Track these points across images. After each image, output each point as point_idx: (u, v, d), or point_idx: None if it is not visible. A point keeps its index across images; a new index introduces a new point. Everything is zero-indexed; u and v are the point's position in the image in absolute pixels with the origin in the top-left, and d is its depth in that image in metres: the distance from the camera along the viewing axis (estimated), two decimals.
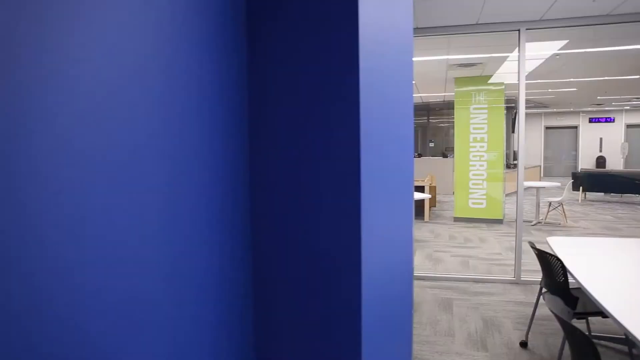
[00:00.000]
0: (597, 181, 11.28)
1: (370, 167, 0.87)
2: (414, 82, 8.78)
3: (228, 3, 0.83)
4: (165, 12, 0.66)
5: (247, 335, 0.91)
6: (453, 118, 8.20)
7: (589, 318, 3.09)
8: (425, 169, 11.26)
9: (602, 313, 2.12)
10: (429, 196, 7.59)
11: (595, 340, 3.23)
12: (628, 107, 16.88)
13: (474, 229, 7.47)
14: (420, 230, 7.42)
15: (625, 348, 3.03)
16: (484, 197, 7.92)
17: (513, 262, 4.63)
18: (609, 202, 10.95)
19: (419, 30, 4.49)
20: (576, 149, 18.24)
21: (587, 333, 3.22)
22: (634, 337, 1.64)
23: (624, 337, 2.71)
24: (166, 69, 0.67)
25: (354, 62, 0.82)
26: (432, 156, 14.94)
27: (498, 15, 4.15)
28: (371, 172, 0.88)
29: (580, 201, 11.02)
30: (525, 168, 4.93)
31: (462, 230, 7.44)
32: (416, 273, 4.80)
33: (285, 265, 0.90)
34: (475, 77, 7.86)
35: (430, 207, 8.64)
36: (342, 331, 0.87)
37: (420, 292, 4.29)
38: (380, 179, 0.95)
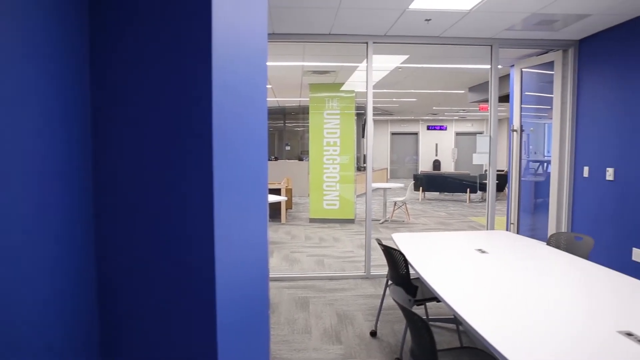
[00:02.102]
0: (433, 182, 12.69)
1: (223, 169, 0.87)
2: (270, 86, 8.89)
3: None
4: None
5: (92, 347, 0.84)
6: (308, 122, 8.51)
7: (427, 304, 3.44)
8: (282, 172, 11.51)
9: (436, 298, 2.39)
10: (285, 198, 7.76)
11: (431, 323, 3.62)
12: (457, 117, 19.31)
13: (329, 229, 7.84)
14: (277, 232, 7.55)
15: (454, 326, 3.45)
16: (337, 198, 8.36)
17: (364, 259, 4.97)
18: (443, 200, 12.38)
19: (275, 36, 4.58)
20: (417, 153, 20.26)
21: (425, 317, 3.60)
22: (460, 316, 1.88)
23: (453, 317, 3.08)
24: None
25: (206, 62, 0.81)
26: (288, 159, 15.31)
27: (349, 28, 4.43)
28: (224, 174, 0.87)
29: (420, 200, 12.28)
30: (373, 170, 5.32)
31: (318, 230, 7.75)
32: (273, 274, 4.87)
33: (134, 268, 0.85)
34: (329, 84, 8.27)
35: (286, 209, 8.84)
36: (197, 332, 0.85)
37: (278, 293, 4.36)
38: (234, 180, 0.95)
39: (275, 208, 8.63)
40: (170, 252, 0.85)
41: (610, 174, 4.46)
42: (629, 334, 1.68)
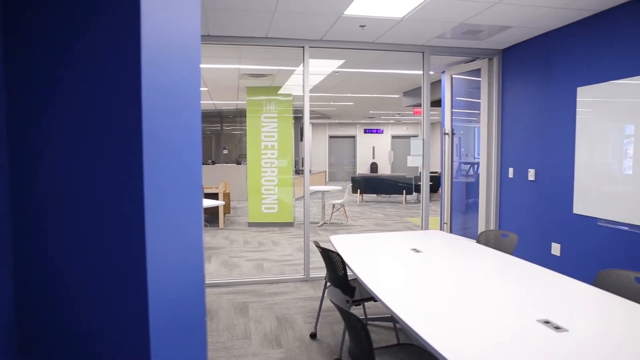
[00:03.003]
0: (371, 184, 12.97)
1: (154, 171, 0.85)
2: (206, 88, 8.72)
3: None
4: None
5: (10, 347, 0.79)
6: (246, 126, 8.44)
7: (366, 303, 3.52)
8: (220, 175, 11.31)
9: (374, 298, 2.44)
10: (223, 203, 7.64)
11: (370, 322, 3.70)
12: (393, 121, 19.88)
13: (268, 233, 7.81)
14: (215, 238, 7.41)
15: (392, 324, 3.54)
16: (276, 202, 8.34)
17: (303, 262, 4.99)
18: (380, 202, 12.68)
19: (210, 38, 4.51)
20: (355, 156, 20.63)
21: (363, 317, 3.67)
22: (395, 314, 1.94)
23: (390, 315, 3.17)
24: None
25: (135, 61, 0.79)
26: (226, 163, 15.08)
27: (285, 32, 4.45)
28: (155, 176, 0.85)
29: (358, 202, 12.50)
30: (312, 173, 5.36)
31: (257, 234, 7.69)
32: (212, 280, 4.78)
33: (58, 270, 0.81)
34: (266, 87, 8.24)
35: (224, 214, 8.70)
36: (128, 339, 0.82)
37: (217, 299, 4.28)
38: (166, 182, 0.93)
39: (213, 213, 8.47)
40: (98, 256, 0.82)
41: (532, 174, 4.77)
42: (547, 322, 1.81)
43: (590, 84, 3.99)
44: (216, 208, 8.15)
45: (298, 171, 12.22)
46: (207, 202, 6.76)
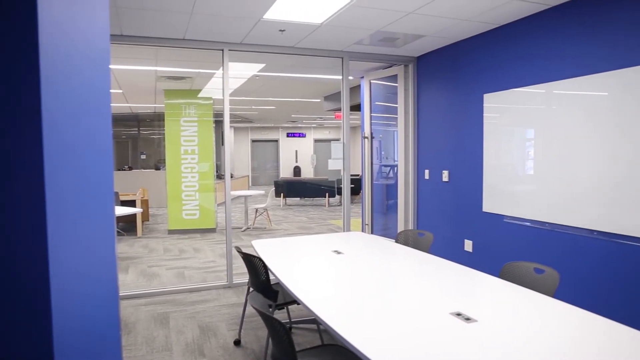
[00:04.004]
0: (294, 188, 13.02)
1: (57, 179, 0.79)
2: (120, 91, 8.31)
3: None
4: None
5: None
6: (164, 130, 8.14)
7: (289, 307, 3.52)
8: (137, 182, 10.81)
9: (296, 301, 2.45)
10: (141, 210, 7.30)
11: (294, 325, 3.71)
12: (315, 125, 20.12)
13: (189, 240, 7.58)
14: (133, 247, 7.07)
15: (315, 326, 3.58)
16: (197, 207, 8.12)
17: (226, 268, 4.90)
18: (304, 205, 12.77)
19: (123, 38, 4.30)
20: (277, 160, 20.62)
21: (287, 320, 3.68)
22: (316, 315, 1.96)
23: (313, 317, 3.20)
24: None
25: (33, 61, 0.74)
26: (144, 169, 14.44)
27: (204, 34, 4.35)
28: (59, 184, 0.80)
29: (282, 206, 12.50)
30: (235, 178, 5.28)
31: (177, 242, 7.44)
32: (129, 292, 4.55)
33: None
34: (185, 90, 8.01)
35: (143, 222, 8.33)
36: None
37: (134, 311, 4.08)
38: (72, 191, 0.87)
39: (130, 221, 8.08)
40: None
41: (446, 175, 5.04)
42: (459, 314, 1.92)
43: (495, 91, 4.30)
44: (133, 216, 7.78)
45: (220, 176, 11.99)
46: (123, 210, 6.43)
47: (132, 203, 8.26)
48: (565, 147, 3.61)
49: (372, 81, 6.39)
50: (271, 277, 2.87)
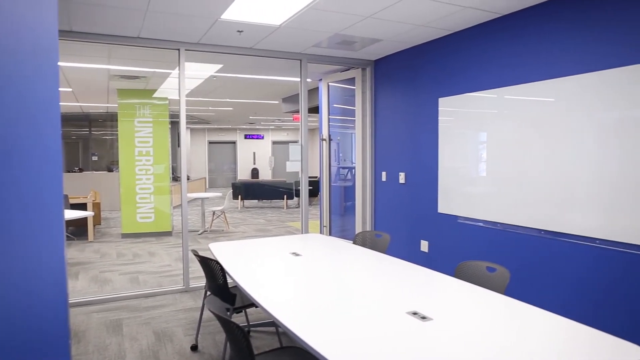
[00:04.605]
0: (252, 190, 12.91)
1: None
2: (70, 89, 8.00)
3: None
4: None
5: None
6: (117, 130, 7.90)
7: (248, 310, 3.48)
8: (88, 184, 10.43)
9: (254, 304, 2.43)
10: (92, 214, 7.04)
11: (253, 328, 3.67)
12: (273, 127, 20.04)
13: (144, 244, 7.38)
14: (84, 252, 6.81)
15: (274, 329, 3.56)
16: (152, 210, 7.91)
17: (182, 272, 4.79)
18: (262, 207, 12.69)
19: (73, 34, 4.14)
20: (235, 162, 20.39)
21: (246, 323, 3.64)
22: (274, 317, 1.95)
23: (272, 320, 3.18)
24: None
25: None
26: (95, 170, 13.95)
27: (159, 32, 4.25)
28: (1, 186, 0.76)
29: (239, 208, 12.37)
30: (191, 180, 5.18)
31: (131, 246, 7.23)
32: (79, 299, 4.37)
33: None
34: (140, 90, 7.80)
35: (94, 226, 8.05)
36: None
37: (85, 319, 3.93)
38: (15, 194, 0.83)
39: (80, 225, 7.78)
40: None
41: (402, 177, 5.14)
42: (415, 313, 1.97)
43: (450, 95, 4.42)
44: (84, 220, 7.49)
45: (176, 178, 11.74)
46: (73, 213, 6.19)
47: (83, 206, 7.96)
48: (516, 150, 3.76)
49: (330, 84, 6.44)
50: (229, 280, 2.83)
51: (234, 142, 20.32)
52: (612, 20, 3.04)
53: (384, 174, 5.49)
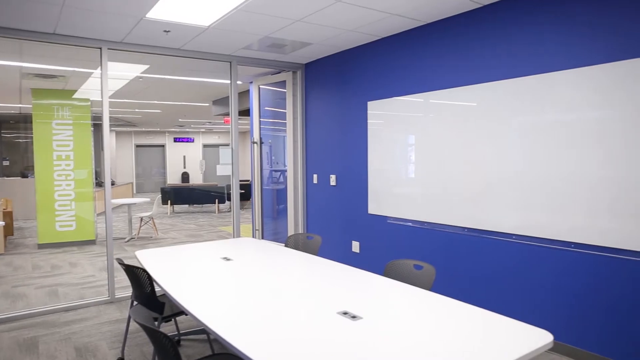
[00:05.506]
0: (182, 195, 12.53)
1: None
2: None
3: None
4: None
5: None
6: (32, 133, 7.35)
7: (178, 318, 3.38)
8: None
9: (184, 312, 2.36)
10: (3, 223, 6.52)
11: (184, 337, 3.56)
12: (204, 130, 19.59)
13: (64, 254, 6.93)
14: None
15: (206, 336, 3.47)
16: (74, 218, 7.45)
17: (107, 282, 4.55)
18: (193, 212, 12.35)
19: None
20: (164, 166, 19.70)
21: (176, 332, 3.52)
22: (204, 324, 1.91)
23: (203, 328, 3.10)
24: None
25: None
26: (7, 176, 12.91)
27: (79, 29, 4.01)
28: None
29: (169, 214, 11.96)
30: (117, 185, 4.94)
31: (49, 257, 6.76)
32: None
33: None
34: (58, 90, 7.32)
35: (6, 236, 7.45)
36: None
37: None
38: None
39: None
40: None
41: (333, 179, 5.21)
42: (345, 313, 2.00)
43: (379, 99, 4.55)
44: None
45: (100, 183, 11.14)
46: None
47: None
48: (441, 152, 3.93)
49: (261, 86, 6.40)
50: (157, 288, 2.73)
51: (162, 146, 19.63)
52: (525, 32, 3.27)
53: (315, 176, 5.54)
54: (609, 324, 2.90)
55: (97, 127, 9.49)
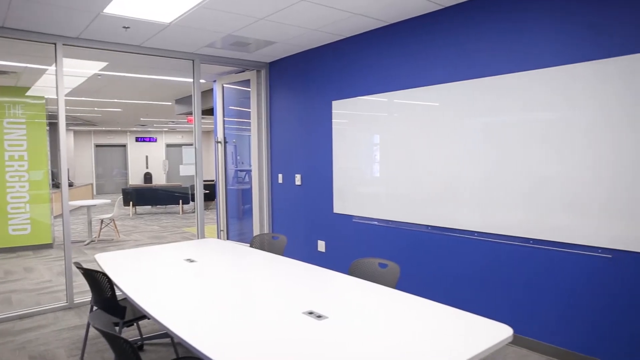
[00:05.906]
0: (144, 195, 12.24)
1: None
2: None
3: None
4: None
5: None
6: None
7: (141, 322, 3.29)
8: None
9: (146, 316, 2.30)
10: None
11: (147, 341, 3.48)
12: (167, 129, 19.19)
13: (18, 259, 6.64)
14: None
15: (170, 340, 3.40)
16: (28, 221, 7.15)
17: (65, 287, 4.39)
18: (156, 213, 12.08)
19: None
20: (126, 167, 19.19)
21: (138, 337, 3.43)
22: (167, 328, 1.86)
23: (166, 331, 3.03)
24: None
25: None
26: None
27: (30, 24, 3.85)
28: None
29: (131, 215, 11.65)
30: (75, 187, 4.77)
31: (2, 262, 6.47)
32: None
33: None
34: (9, 87, 7.00)
35: None
36: None
37: None
38: None
39: None
40: None
41: (298, 179, 5.20)
42: (311, 313, 1.99)
43: (343, 99, 4.56)
44: None
45: (57, 184, 10.74)
46: None
47: None
48: (404, 152, 3.98)
49: (225, 85, 6.32)
50: (118, 292, 2.65)
51: (124, 145, 19.11)
52: (485, 33, 3.35)
53: (280, 175, 5.51)
54: (561, 317, 3.01)
55: (54, 126, 9.15)
